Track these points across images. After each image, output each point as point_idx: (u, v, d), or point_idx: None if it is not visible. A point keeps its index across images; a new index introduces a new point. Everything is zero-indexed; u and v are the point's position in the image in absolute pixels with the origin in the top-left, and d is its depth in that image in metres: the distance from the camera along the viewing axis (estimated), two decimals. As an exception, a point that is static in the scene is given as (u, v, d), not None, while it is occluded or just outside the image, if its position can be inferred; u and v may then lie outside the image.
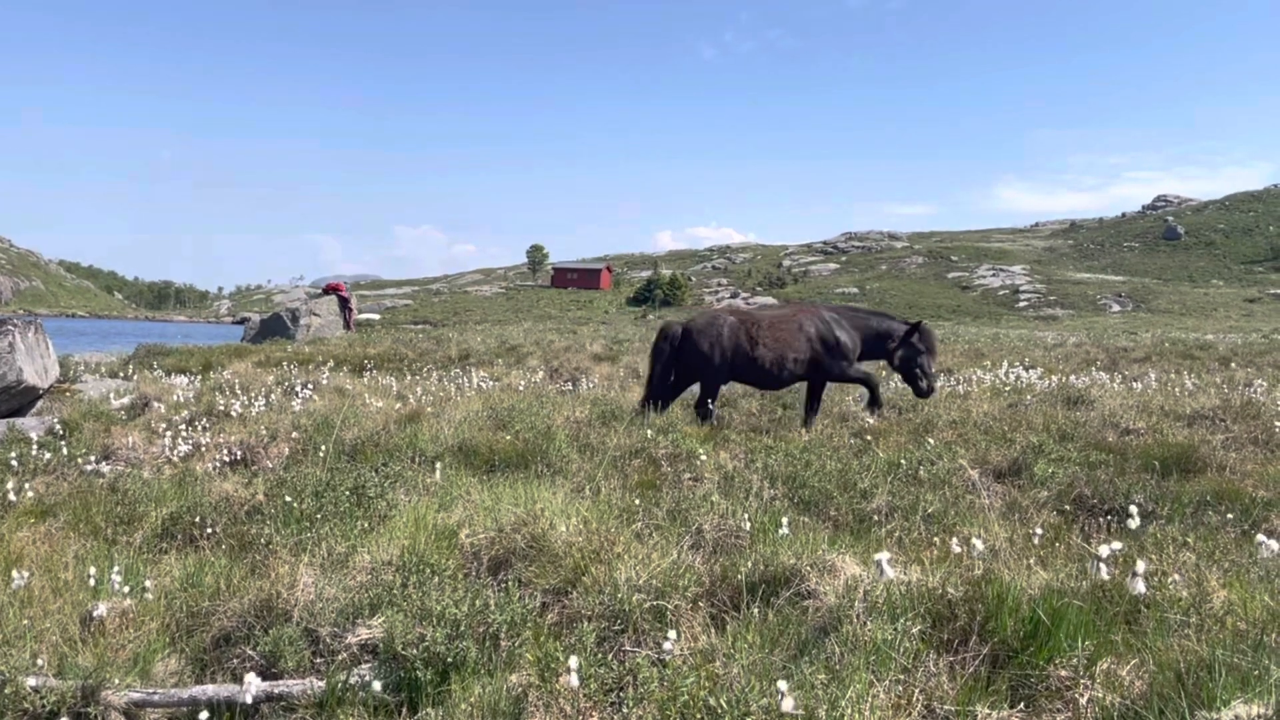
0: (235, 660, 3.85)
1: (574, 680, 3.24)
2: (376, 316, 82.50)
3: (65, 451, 7.37)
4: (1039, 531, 4.90)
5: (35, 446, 7.46)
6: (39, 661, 3.67)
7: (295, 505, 5.51)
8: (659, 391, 10.12)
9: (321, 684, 3.55)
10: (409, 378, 15.27)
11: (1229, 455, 7.26)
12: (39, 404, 10.94)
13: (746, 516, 5.19)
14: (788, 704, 2.75)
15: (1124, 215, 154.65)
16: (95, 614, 4.06)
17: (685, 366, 10.09)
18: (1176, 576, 4.07)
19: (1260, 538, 4.10)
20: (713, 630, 3.90)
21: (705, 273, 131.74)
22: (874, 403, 10.20)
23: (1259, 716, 2.76)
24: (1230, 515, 5.59)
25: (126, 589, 4.33)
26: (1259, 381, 13.02)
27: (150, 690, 3.55)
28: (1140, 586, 3.61)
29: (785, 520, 4.86)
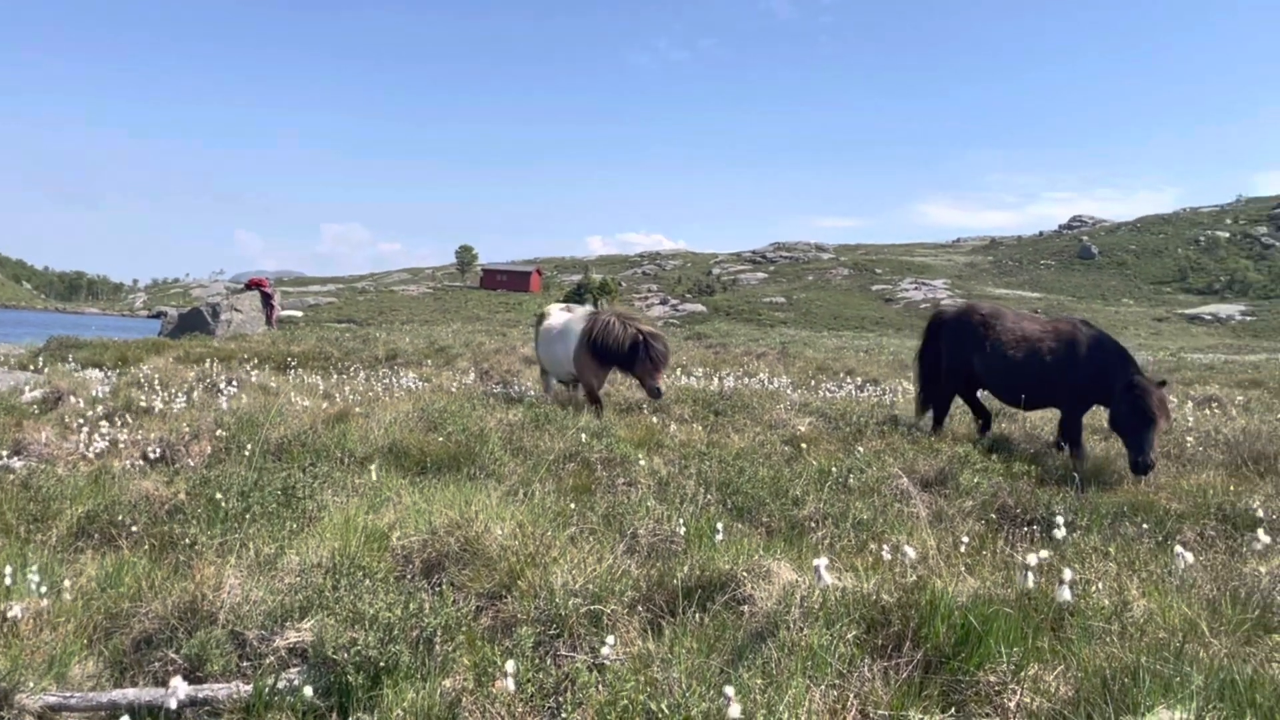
0: (157, 663, 3.73)
1: (511, 685, 3.21)
2: (299, 314, 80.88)
3: (-28, 446, 7.06)
4: (965, 540, 5.01)
5: (-61, 440, 7.14)
6: (-54, 664, 3.51)
7: (221, 504, 5.36)
8: (928, 391, 9.92)
9: (248, 688, 3.45)
10: (335, 377, 14.99)
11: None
12: (-58, 396, 10.48)
13: (682, 522, 5.21)
14: (734, 710, 2.76)
15: (1041, 234, 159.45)
16: (9, 615, 3.89)
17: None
18: (1099, 585, 4.20)
19: (1177, 549, 4.24)
20: (650, 635, 3.90)
21: (636, 278, 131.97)
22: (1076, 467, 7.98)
23: (1182, 721, 2.86)
24: (1146, 526, 5.79)
25: (43, 589, 4.17)
26: (1170, 399, 13.49)
27: (67, 694, 3.42)
28: (1066, 594, 3.71)
29: (720, 526, 4.89)
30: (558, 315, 11.44)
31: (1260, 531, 4.30)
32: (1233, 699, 3.08)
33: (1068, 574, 3.67)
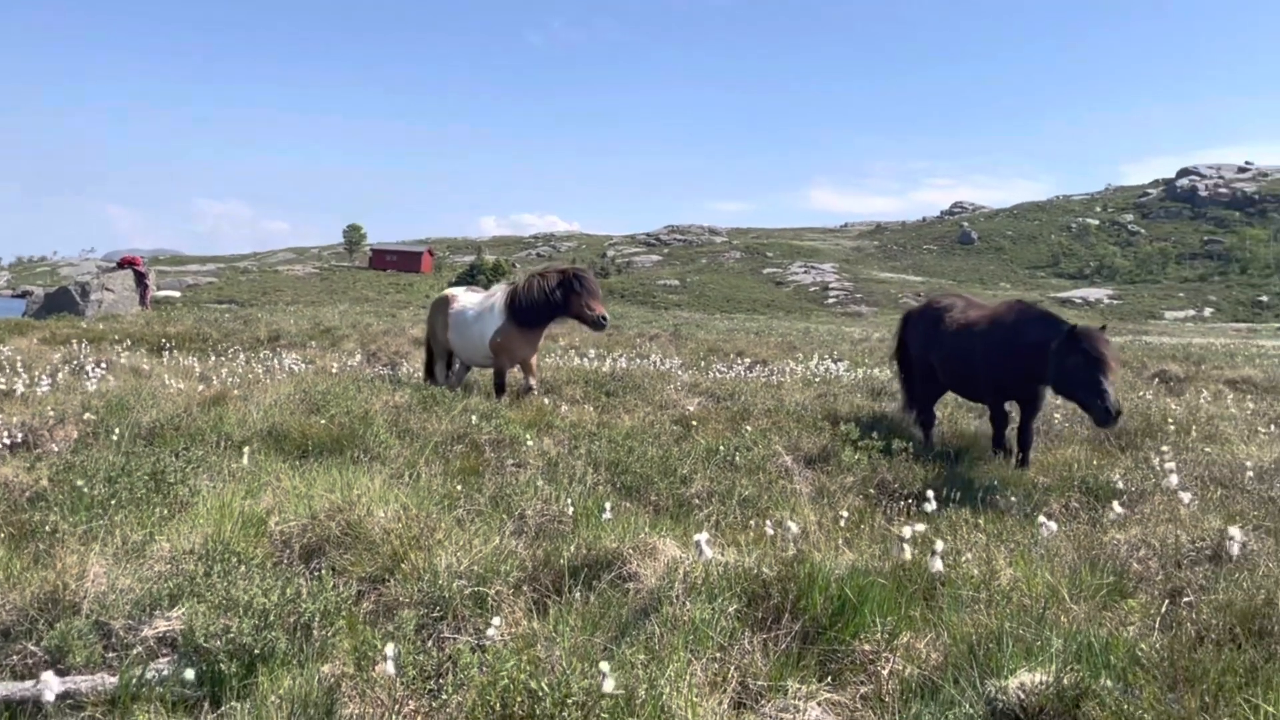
0: (15, 657, 3.55)
1: (391, 668, 3.17)
2: (177, 294, 77.83)
3: None
4: (845, 514, 5.15)
5: None
6: None
7: (86, 491, 5.12)
8: (909, 390, 9.11)
9: (114, 679, 3.32)
10: (213, 359, 14.47)
11: (1014, 444, 7.83)
12: None
13: (570, 502, 5.21)
14: (608, 685, 2.78)
15: (924, 219, 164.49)
16: None
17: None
18: (969, 555, 4.37)
19: (1041, 519, 4.44)
20: (535, 615, 3.90)
21: (530, 260, 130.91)
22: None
23: (1041, 684, 3.00)
24: (1015, 499, 6.06)
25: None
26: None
27: (-87, 693, 3.22)
28: (938, 565, 3.85)
29: (608, 505, 4.90)
30: (468, 296, 10.68)
31: (1115, 503, 4.54)
32: (1089, 660, 3.25)
33: (940, 545, 3.81)
